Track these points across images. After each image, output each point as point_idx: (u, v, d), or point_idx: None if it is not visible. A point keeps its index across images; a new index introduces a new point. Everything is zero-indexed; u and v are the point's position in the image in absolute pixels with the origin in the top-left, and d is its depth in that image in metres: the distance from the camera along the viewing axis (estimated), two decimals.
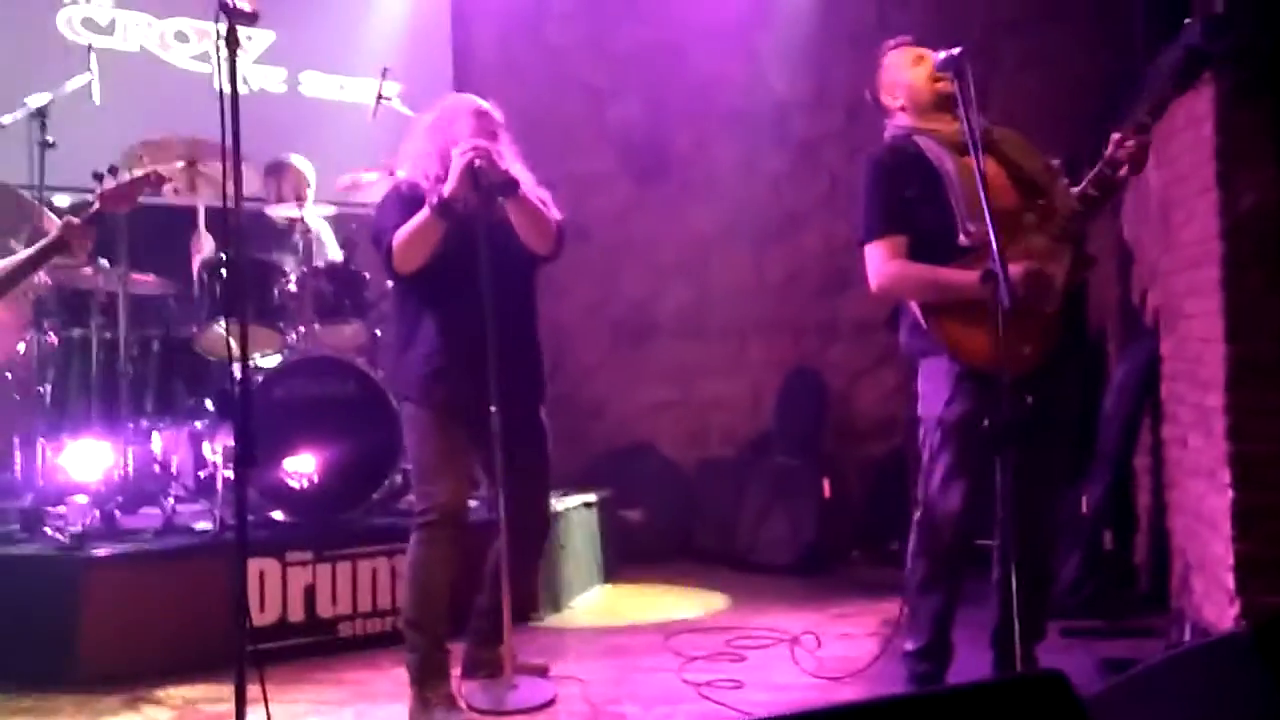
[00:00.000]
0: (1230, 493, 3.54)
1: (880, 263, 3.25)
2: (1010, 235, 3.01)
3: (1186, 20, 4.01)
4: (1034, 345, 3.08)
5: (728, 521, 5.77)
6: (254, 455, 2.58)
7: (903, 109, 3.36)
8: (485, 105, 3.58)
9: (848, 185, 3.49)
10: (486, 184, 3.33)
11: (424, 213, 3.34)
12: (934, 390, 3.25)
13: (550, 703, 3.49)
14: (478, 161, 3.30)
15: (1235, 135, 3.57)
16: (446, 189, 3.31)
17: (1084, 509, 4.39)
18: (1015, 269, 2.99)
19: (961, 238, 3.12)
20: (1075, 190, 3.16)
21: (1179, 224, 4.06)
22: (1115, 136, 3.09)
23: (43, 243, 3.83)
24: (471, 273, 3.34)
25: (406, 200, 3.45)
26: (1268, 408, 3.52)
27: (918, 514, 3.31)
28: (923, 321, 3.22)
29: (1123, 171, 3.11)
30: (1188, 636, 3.84)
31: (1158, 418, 4.49)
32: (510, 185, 3.39)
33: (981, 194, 2.89)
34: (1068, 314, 3.21)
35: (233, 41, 2.76)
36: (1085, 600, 4.27)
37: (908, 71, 3.33)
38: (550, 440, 3.64)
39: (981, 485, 3.18)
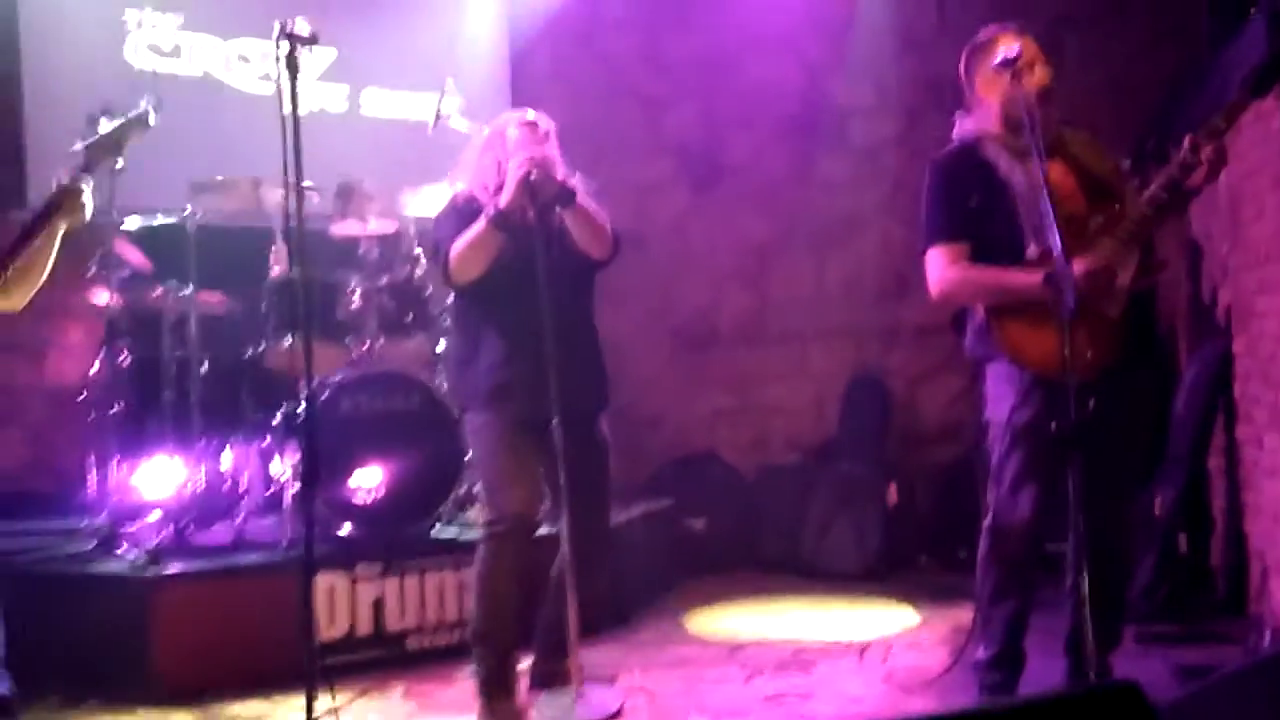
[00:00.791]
0: None
1: (941, 268, 3.22)
2: (1077, 241, 2.97)
3: (1252, 12, 3.94)
4: (1097, 350, 3.02)
5: (792, 529, 5.72)
6: (318, 472, 2.61)
7: (982, 106, 3.26)
8: (533, 115, 3.61)
9: (909, 189, 3.44)
10: (542, 195, 3.37)
11: (480, 223, 3.38)
12: (1001, 394, 3.21)
13: (617, 713, 3.49)
14: (533, 173, 3.33)
15: None
16: (503, 200, 3.36)
17: (1157, 511, 4.30)
18: (1078, 266, 2.95)
19: (1031, 250, 3.07)
20: (1145, 194, 3.09)
21: (1249, 219, 3.98)
22: (1188, 140, 2.99)
23: (38, 208, 3.51)
24: (530, 283, 3.34)
25: (463, 212, 3.50)
26: None
27: (987, 520, 3.27)
28: (986, 325, 3.18)
29: (1197, 178, 3.02)
30: (1267, 642, 3.74)
31: (1231, 418, 4.39)
32: (567, 195, 3.42)
33: (1047, 207, 2.83)
34: (1135, 318, 3.14)
35: (293, 65, 2.80)
36: (1160, 605, 4.17)
37: (1006, 75, 3.15)
38: (610, 452, 3.63)
39: (1052, 490, 3.14)
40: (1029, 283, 2.99)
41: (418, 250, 4.87)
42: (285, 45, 2.87)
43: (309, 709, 2.65)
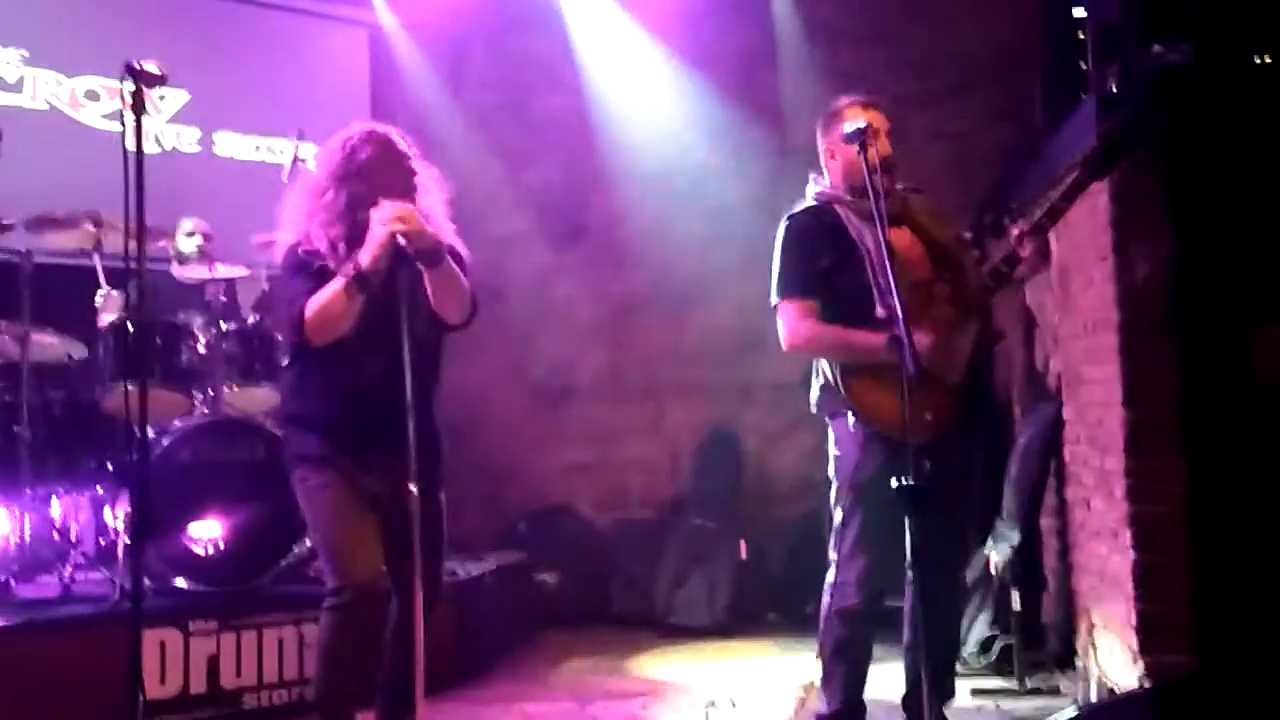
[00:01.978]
0: (1132, 553, 3.62)
1: (792, 322, 3.32)
2: (922, 306, 3.09)
3: (1082, 96, 4.19)
4: (936, 414, 3.15)
5: (645, 584, 5.75)
6: (151, 523, 2.51)
7: (833, 172, 3.41)
8: (395, 137, 3.30)
9: (763, 250, 3.53)
10: (409, 254, 3.11)
11: (338, 285, 3.12)
12: (845, 452, 3.30)
13: None
14: (400, 237, 3.09)
15: (1130, 206, 3.69)
16: (365, 260, 3.10)
17: (991, 570, 4.46)
18: (923, 339, 3.07)
19: (879, 310, 3.18)
20: (984, 267, 3.25)
21: (1078, 290, 4.19)
22: (1015, 232, 3.18)
23: None
24: (377, 340, 3.15)
25: (306, 265, 3.21)
26: (1167, 471, 3.62)
27: (829, 576, 3.34)
28: (834, 381, 3.28)
29: (1021, 266, 3.25)
30: (1094, 695, 3.90)
31: (1062, 480, 4.59)
32: (435, 255, 3.19)
33: (889, 271, 2.94)
34: (973, 382, 3.29)
35: (139, 104, 2.73)
36: (994, 660, 4.32)
37: (850, 147, 3.25)
38: (446, 516, 3.46)
39: (891, 548, 3.23)
40: (874, 344, 3.09)
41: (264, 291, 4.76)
42: (131, 83, 2.79)
43: None
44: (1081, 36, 4.44)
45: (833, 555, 3.35)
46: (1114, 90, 3.78)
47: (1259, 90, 3.65)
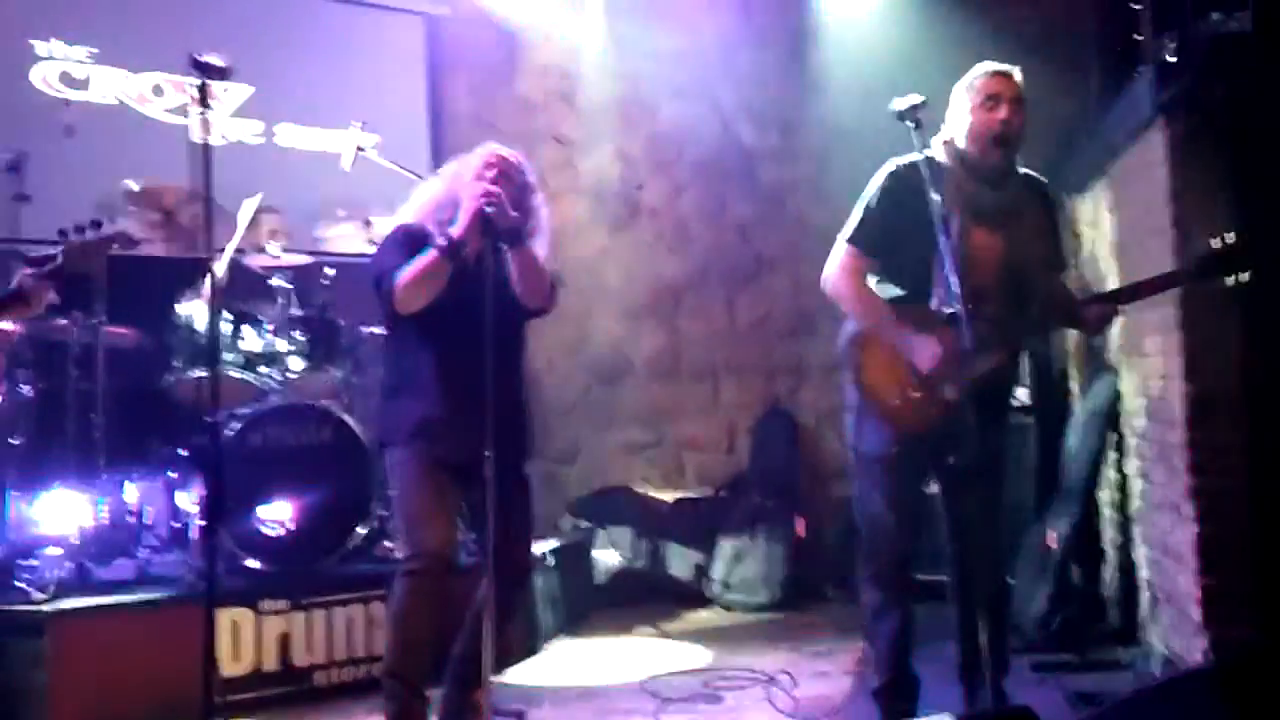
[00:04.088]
0: (1195, 526, 3.61)
1: (837, 268, 3.31)
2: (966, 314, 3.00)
3: (1139, 68, 4.15)
4: (939, 406, 3.14)
5: (703, 562, 5.80)
6: (224, 506, 2.59)
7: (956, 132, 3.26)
8: (506, 152, 3.49)
9: (815, 232, 3.53)
10: (496, 229, 3.28)
11: (431, 253, 3.30)
12: (854, 420, 3.34)
13: None
14: (488, 207, 3.25)
15: (1188, 179, 3.66)
16: (456, 230, 3.27)
17: (1051, 544, 4.45)
18: (933, 349, 3.09)
19: (934, 300, 3.16)
20: (1040, 312, 3.21)
21: (1137, 262, 4.15)
22: (1083, 300, 3.20)
23: None
24: (468, 320, 3.26)
25: (407, 242, 3.40)
26: (1229, 443, 3.59)
27: (859, 543, 3.38)
28: (845, 346, 3.32)
29: (1088, 327, 3.22)
30: (1156, 669, 3.89)
31: (1121, 453, 4.56)
32: (516, 233, 3.34)
33: (954, 273, 2.90)
34: (998, 378, 3.25)
35: (204, 97, 2.80)
36: (1054, 634, 4.31)
37: (978, 109, 3.21)
38: (533, 495, 3.60)
39: (910, 515, 3.27)
40: (890, 323, 3.19)
41: (329, 279, 4.84)
42: (197, 77, 2.87)
43: None
44: (1138, 6, 4.39)
45: (857, 520, 3.39)
46: (1172, 59, 3.74)
47: None
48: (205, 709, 2.83)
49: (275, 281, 4.89)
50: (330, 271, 5.08)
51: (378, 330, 4.72)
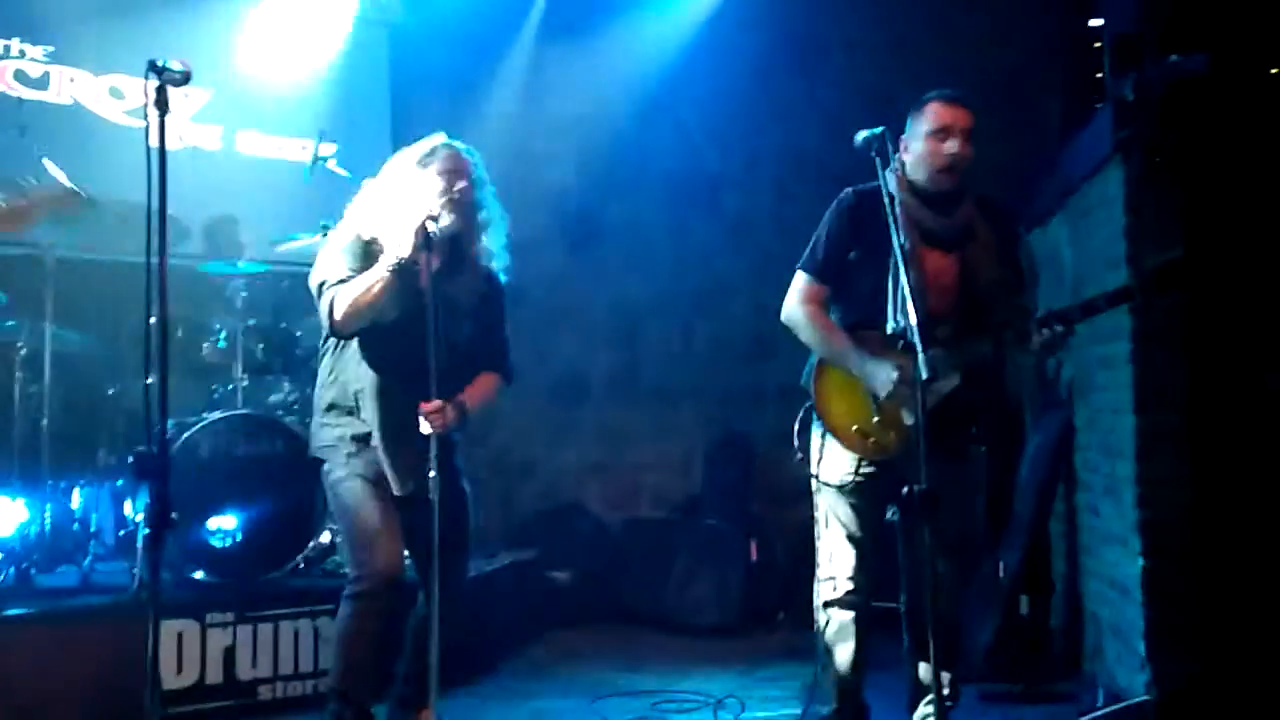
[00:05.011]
0: (1141, 560, 3.65)
1: (795, 296, 3.35)
2: (922, 335, 3.01)
3: (1099, 107, 4.22)
4: (900, 433, 3.16)
5: (656, 583, 5.79)
6: (169, 516, 2.55)
7: (907, 164, 3.28)
8: (459, 149, 3.41)
9: (778, 259, 3.55)
10: (439, 239, 3.23)
11: (374, 274, 3.22)
12: (817, 449, 3.36)
13: None
14: (429, 223, 3.20)
15: (1143, 216, 3.72)
16: (402, 249, 3.20)
17: (1000, 575, 4.48)
18: (888, 373, 3.11)
19: (889, 324, 3.18)
20: (993, 335, 3.20)
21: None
22: (1039, 319, 3.15)
23: None
24: (410, 338, 3.23)
25: (353, 251, 3.32)
26: (1176, 477, 3.64)
27: (816, 570, 3.39)
28: (808, 375, 3.33)
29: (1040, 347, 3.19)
30: (1100, 701, 3.92)
31: (1071, 485, 4.61)
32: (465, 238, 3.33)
33: (907, 296, 2.89)
34: (970, 400, 3.27)
35: (163, 101, 2.76)
36: (1002, 665, 4.33)
37: (929, 137, 3.23)
38: (471, 507, 3.57)
39: (869, 543, 3.28)
40: (848, 354, 3.22)
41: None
42: (156, 80, 2.83)
43: None
44: (1099, 46, 4.46)
45: (818, 551, 3.39)
46: (1130, 98, 3.80)
47: (1275, 101, 3.67)
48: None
49: (231, 290, 4.85)
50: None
51: None
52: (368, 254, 3.31)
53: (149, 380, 4.25)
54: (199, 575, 4.36)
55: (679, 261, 6.45)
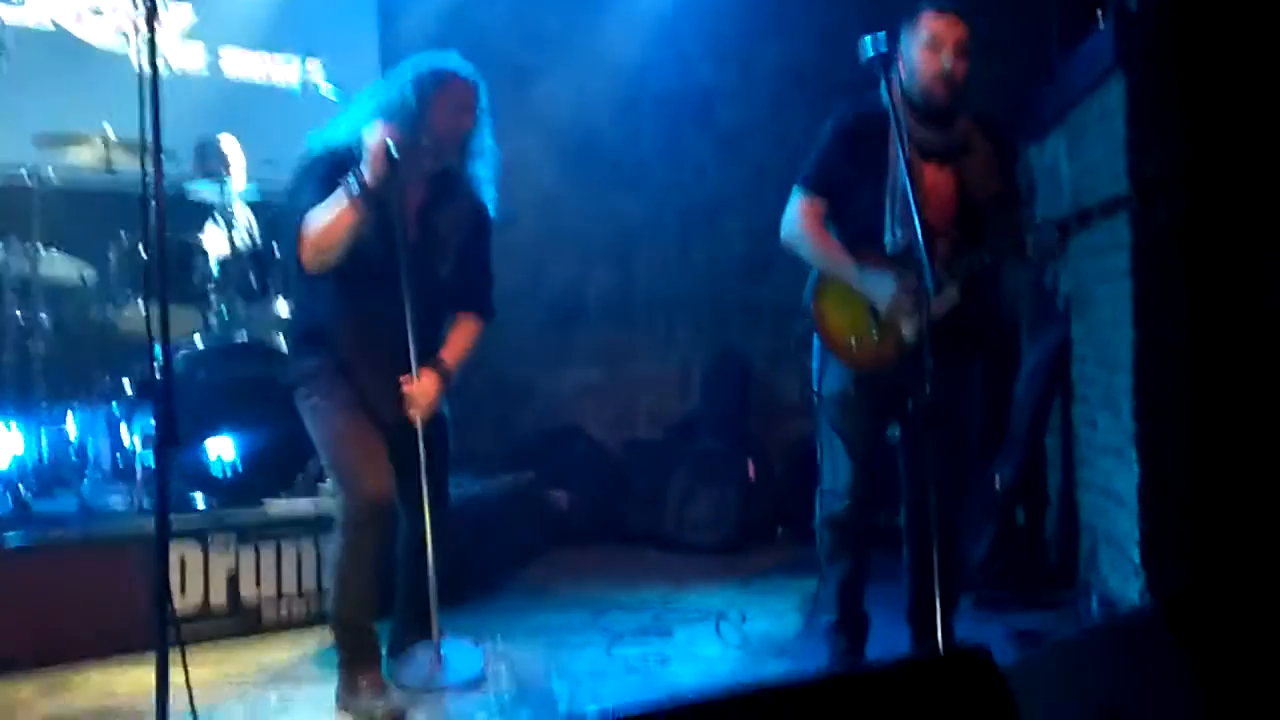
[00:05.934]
0: (1137, 470, 3.68)
1: (793, 213, 3.32)
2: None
3: (1099, 15, 4.15)
4: (899, 346, 3.15)
5: (654, 503, 5.82)
6: (175, 437, 2.53)
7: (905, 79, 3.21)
8: (466, 81, 3.26)
9: (772, 175, 3.51)
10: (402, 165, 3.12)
11: (340, 203, 3.11)
12: (818, 365, 3.36)
13: (479, 678, 3.48)
14: (393, 148, 3.10)
15: (1145, 129, 3.68)
16: (366, 174, 3.10)
17: (997, 487, 4.52)
18: (892, 292, 3.10)
19: (887, 239, 3.16)
20: (991, 247, 3.17)
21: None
22: (1028, 236, 3.11)
23: None
24: (385, 267, 3.18)
25: (327, 175, 3.19)
26: (1173, 389, 3.66)
27: (818, 485, 3.41)
28: (807, 292, 3.33)
29: (1035, 257, 3.14)
30: (1095, 608, 3.98)
31: (1068, 399, 4.63)
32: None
33: (910, 206, 2.84)
34: (970, 309, 3.26)
35: (152, 18, 2.69)
36: (997, 574, 4.40)
37: (922, 50, 3.18)
38: (451, 429, 3.54)
39: (871, 458, 3.29)
40: (847, 266, 3.20)
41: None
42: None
43: (161, 681, 2.57)
44: None
45: (819, 464, 3.41)
46: (1132, 9, 3.74)
47: (1273, 5, 3.62)
48: (159, 642, 2.79)
49: (220, 213, 4.79)
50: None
51: None
52: (341, 174, 3.17)
53: (143, 305, 4.25)
54: (199, 499, 4.37)
55: (674, 179, 6.38)
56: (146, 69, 2.61)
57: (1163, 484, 3.66)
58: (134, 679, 3.58)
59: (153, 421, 3.84)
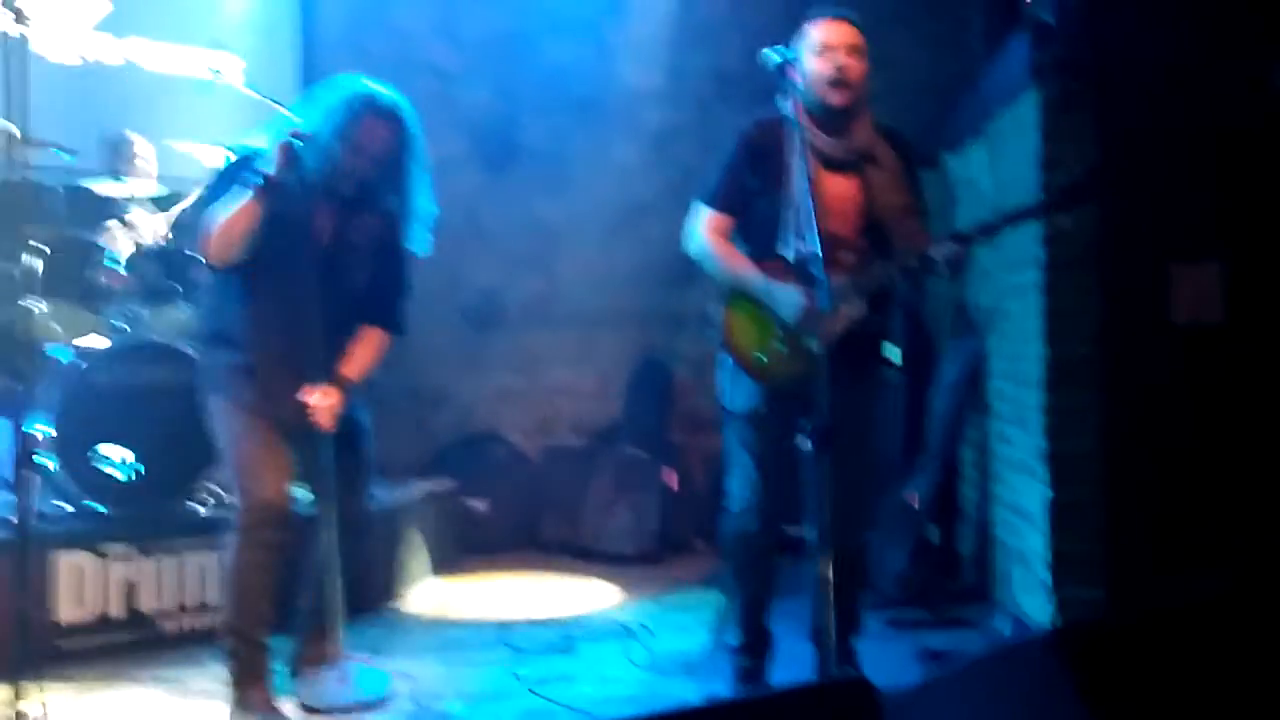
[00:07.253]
0: (1047, 488, 3.67)
1: (698, 229, 3.31)
2: (826, 262, 2.88)
3: (1019, 29, 4.15)
4: (806, 360, 3.10)
5: (574, 511, 5.75)
6: (33, 454, 2.44)
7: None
8: (399, 121, 3.31)
9: (698, 178, 3.48)
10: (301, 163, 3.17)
11: (243, 198, 3.14)
12: (728, 382, 3.32)
13: (385, 699, 3.41)
14: (294, 140, 3.14)
15: (1059, 143, 3.68)
16: (270, 169, 3.13)
17: (912, 503, 4.51)
18: (798, 303, 3.07)
19: (788, 251, 3.11)
20: (896, 261, 3.14)
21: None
22: (934, 247, 3.09)
23: None
24: (293, 270, 3.19)
25: (238, 176, 3.21)
26: (1082, 406, 3.66)
27: (725, 502, 3.37)
28: (714, 307, 3.29)
29: (942, 269, 3.11)
30: (1006, 628, 3.98)
31: (984, 414, 4.63)
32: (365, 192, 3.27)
33: (810, 217, 2.83)
34: (868, 331, 3.23)
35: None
36: (911, 592, 4.38)
37: (813, 57, 3.16)
38: (369, 437, 3.52)
39: (780, 477, 3.24)
40: (753, 277, 3.17)
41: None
42: None
43: (16, 698, 2.47)
44: None
45: (728, 481, 3.37)
46: (1048, 21, 3.74)
47: (1189, 26, 3.62)
48: (24, 656, 2.69)
49: (125, 211, 4.65)
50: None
51: None
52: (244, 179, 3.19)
53: (36, 304, 4.10)
54: (97, 507, 4.23)
55: (598, 183, 6.31)
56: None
57: (1072, 502, 3.66)
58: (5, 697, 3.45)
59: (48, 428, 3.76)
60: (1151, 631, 3.03)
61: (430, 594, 4.93)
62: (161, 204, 4.93)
